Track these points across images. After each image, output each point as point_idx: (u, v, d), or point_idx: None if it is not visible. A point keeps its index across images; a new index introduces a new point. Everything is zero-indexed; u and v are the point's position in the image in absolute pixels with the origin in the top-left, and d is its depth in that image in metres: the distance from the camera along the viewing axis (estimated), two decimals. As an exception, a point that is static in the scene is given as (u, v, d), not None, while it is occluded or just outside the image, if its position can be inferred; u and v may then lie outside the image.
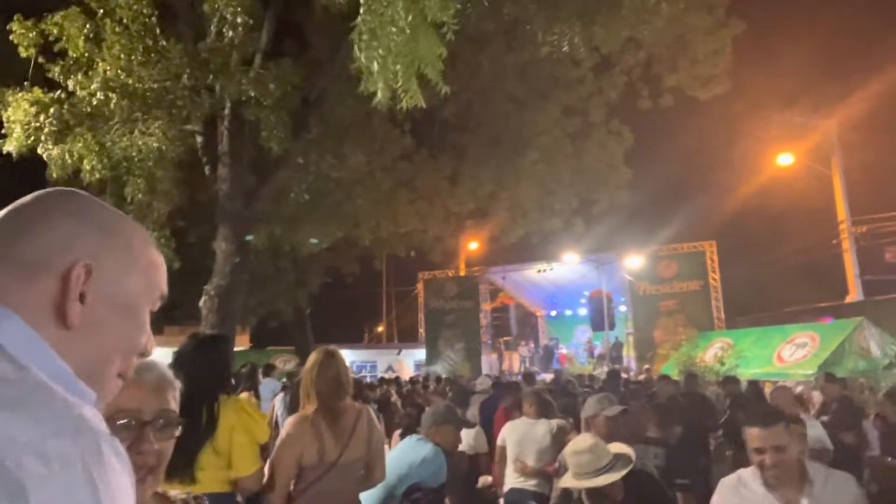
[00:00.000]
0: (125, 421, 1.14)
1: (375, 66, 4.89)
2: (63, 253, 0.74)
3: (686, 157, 21.79)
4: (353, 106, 9.87)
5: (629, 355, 19.30)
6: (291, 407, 6.05)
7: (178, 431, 1.25)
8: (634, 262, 18.67)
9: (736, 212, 20.90)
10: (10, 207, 0.79)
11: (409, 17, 4.58)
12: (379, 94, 5.16)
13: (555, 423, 4.91)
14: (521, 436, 4.90)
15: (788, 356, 13.03)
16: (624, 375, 12.32)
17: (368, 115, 10.45)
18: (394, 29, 4.69)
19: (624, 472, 2.87)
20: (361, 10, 4.98)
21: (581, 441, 3.05)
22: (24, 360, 0.64)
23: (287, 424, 3.02)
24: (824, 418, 6.79)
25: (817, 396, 8.54)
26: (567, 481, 3.01)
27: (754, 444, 2.42)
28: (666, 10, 8.44)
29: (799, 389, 8.92)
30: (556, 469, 4.12)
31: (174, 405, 1.29)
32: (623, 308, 20.21)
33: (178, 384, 1.32)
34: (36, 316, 0.70)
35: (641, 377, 11.54)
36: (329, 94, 10.08)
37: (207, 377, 2.82)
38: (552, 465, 4.54)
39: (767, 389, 10.18)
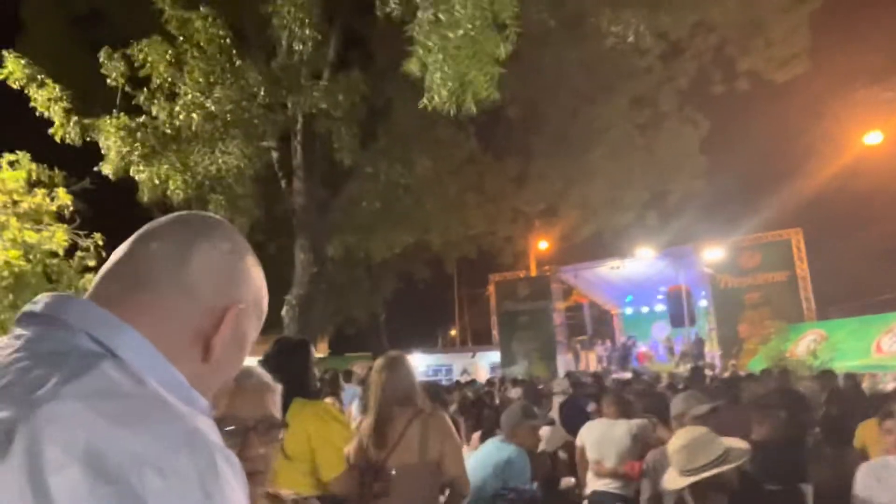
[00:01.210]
0: (231, 428, 1.19)
1: (437, 74, 4.94)
2: (220, 291, 0.79)
3: (766, 141, 20.76)
4: (418, 113, 10.00)
5: (712, 351, 18.57)
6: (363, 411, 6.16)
7: (281, 434, 1.30)
8: (714, 254, 17.92)
9: (822, 197, 19.73)
10: (175, 222, 0.83)
11: (475, 20, 4.60)
12: (436, 99, 5.21)
13: (635, 423, 4.77)
14: (599, 436, 4.79)
15: (888, 346, 12.21)
16: (708, 372, 11.87)
17: (433, 121, 10.57)
18: (457, 32, 4.72)
19: (741, 461, 2.65)
20: (420, 14, 5.03)
21: (687, 433, 2.82)
22: (142, 373, 0.67)
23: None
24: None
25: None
26: (673, 481, 2.73)
27: None
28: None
29: (903, 382, 8.34)
30: (644, 470, 4.01)
31: (275, 410, 1.34)
32: (703, 303, 19.46)
33: (278, 388, 1.37)
34: (177, 342, 0.74)
35: (727, 374, 11.07)
36: (394, 103, 10.26)
37: (291, 381, 2.87)
38: (636, 465, 4.43)
39: (866, 383, 9.60)
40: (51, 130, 8.71)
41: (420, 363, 22.31)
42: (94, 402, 0.60)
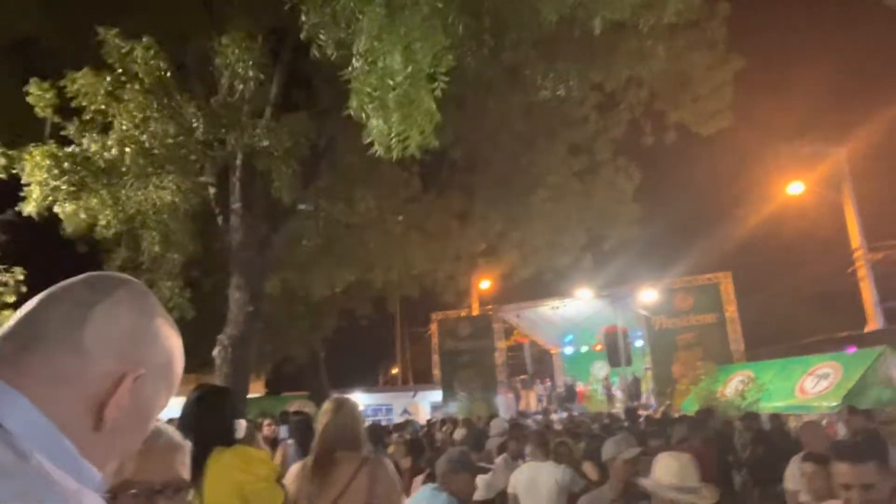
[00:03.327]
0: (135, 492, 1.16)
1: (374, 119, 5.01)
2: (119, 355, 0.75)
3: (697, 190, 21.82)
4: (361, 152, 10.06)
5: (648, 391, 18.99)
6: (300, 452, 6.00)
7: (189, 496, 1.26)
8: (649, 295, 18.53)
9: (749, 243, 20.79)
10: (80, 282, 0.79)
11: (406, 70, 4.69)
12: (376, 146, 5.28)
13: (560, 469, 4.76)
14: (528, 482, 4.77)
15: (811, 388, 12.75)
16: (642, 412, 12.10)
17: (377, 160, 10.60)
18: (390, 82, 4.81)
19: (714, 500, 2.74)
20: (355, 62, 5.11)
21: (679, 455, 2.92)
22: (28, 446, 0.64)
23: (287, 475, 3.02)
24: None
25: (841, 429, 8.33)
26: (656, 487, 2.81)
27: (842, 479, 2.34)
28: (662, 51, 8.62)
29: (823, 422, 8.71)
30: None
31: (184, 471, 1.30)
32: (640, 343, 19.97)
33: (187, 446, 1.33)
34: (70, 408, 0.71)
35: (658, 414, 11.32)
36: (337, 142, 10.27)
37: (211, 431, 2.79)
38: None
39: (792, 423, 9.98)
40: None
41: (360, 402, 21.84)
42: None
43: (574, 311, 21.72)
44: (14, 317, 0.76)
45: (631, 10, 6.69)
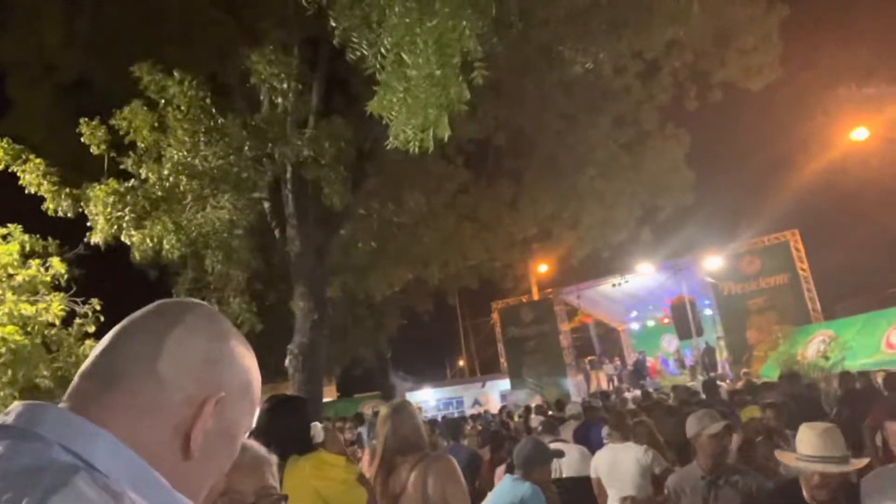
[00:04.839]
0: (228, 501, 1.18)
1: (400, 113, 4.99)
2: (199, 380, 0.76)
3: (752, 148, 20.99)
4: (404, 151, 10.09)
5: (723, 360, 18.43)
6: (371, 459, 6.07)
7: None
8: (714, 262, 17.93)
9: (814, 196, 19.83)
10: (151, 312, 0.80)
11: (438, 62, 4.65)
12: (401, 137, 5.28)
13: (642, 450, 4.65)
14: (609, 465, 4.68)
15: (899, 341, 12.13)
16: (721, 383, 11.74)
17: (421, 156, 10.63)
18: (421, 72, 4.78)
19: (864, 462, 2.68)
20: (382, 57, 5.10)
21: (819, 425, 2.81)
22: (121, 484, 0.65)
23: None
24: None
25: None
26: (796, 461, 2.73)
27: None
28: (699, 7, 8.25)
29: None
30: (665, 496, 3.93)
31: (273, 481, 1.32)
32: (708, 312, 19.39)
33: (274, 460, 1.35)
34: (157, 439, 0.72)
35: (740, 384, 10.95)
36: (381, 143, 10.33)
37: (286, 440, 2.78)
38: (656, 494, 4.33)
39: (879, 378, 9.48)
40: (43, 206, 8.76)
41: (430, 397, 22.13)
42: None
43: (636, 286, 21.25)
44: (91, 355, 0.78)
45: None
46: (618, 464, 4.64)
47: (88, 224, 8.82)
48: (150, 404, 0.72)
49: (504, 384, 22.22)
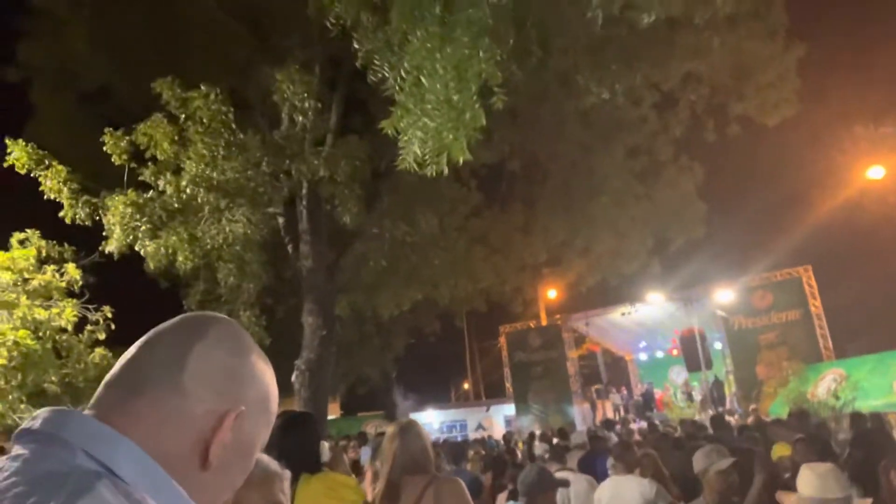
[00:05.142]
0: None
1: (415, 134, 5.06)
2: (220, 394, 0.78)
3: (767, 183, 20.94)
4: (419, 172, 10.16)
5: (731, 394, 18.18)
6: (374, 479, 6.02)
7: None
8: (725, 295, 17.79)
9: (829, 233, 19.72)
10: (176, 325, 0.82)
11: (456, 87, 4.72)
12: (405, 161, 5.34)
13: (646, 483, 4.58)
14: (610, 498, 4.62)
15: (911, 383, 11.95)
16: (729, 418, 11.58)
17: (436, 178, 10.68)
18: (438, 96, 4.84)
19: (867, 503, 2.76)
20: (401, 79, 5.17)
21: (819, 466, 2.86)
22: (141, 491, 0.67)
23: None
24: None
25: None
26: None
27: None
28: (720, 44, 8.32)
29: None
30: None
31: (282, 496, 1.33)
32: (718, 345, 19.19)
33: (286, 475, 1.36)
34: (177, 450, 0.74)
35: (750, 420, 10.80)
36: (396, 163, 10.41)
37: (296, 457, 2.78)
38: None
39: (893, 422, 9.32)
40: (61, 214, 8.88)
41: (434, 419, 21.95)
42: None
43: (646, 316, 21.09)
44: (116, 365, 0.80)
45: (685, 5, 6.52)
46: (621, 495, 4.57)
47: (104, 233, 8.93)
48: (171, 415, 0.74)
49: (509, 408, 22.01)
